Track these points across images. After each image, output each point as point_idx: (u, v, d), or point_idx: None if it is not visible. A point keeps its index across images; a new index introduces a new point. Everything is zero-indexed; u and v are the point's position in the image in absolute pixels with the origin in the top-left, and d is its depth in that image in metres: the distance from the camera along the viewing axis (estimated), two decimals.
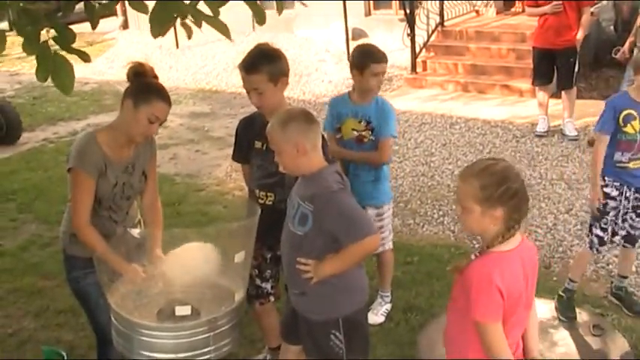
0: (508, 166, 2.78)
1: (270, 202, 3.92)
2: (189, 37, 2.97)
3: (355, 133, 4.62)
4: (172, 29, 2.67)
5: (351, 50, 12.92)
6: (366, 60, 4.51)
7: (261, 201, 3.93)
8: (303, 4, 3.31)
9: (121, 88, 14.64)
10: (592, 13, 8.14)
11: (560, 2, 7.95)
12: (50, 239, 6.65)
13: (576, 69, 8.21)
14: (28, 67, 15.23)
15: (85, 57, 2.86)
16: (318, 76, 12.15)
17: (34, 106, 12.37)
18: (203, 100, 11.86)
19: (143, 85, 3.57)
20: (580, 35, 8.06)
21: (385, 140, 4.59)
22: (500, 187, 2.67)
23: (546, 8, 8.08)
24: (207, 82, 13.05)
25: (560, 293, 4.85)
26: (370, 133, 4.59)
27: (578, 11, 8.02)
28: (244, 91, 3.93)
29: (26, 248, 6.64)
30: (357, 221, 3.23)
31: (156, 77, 3.68)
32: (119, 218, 3.74)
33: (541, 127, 8.49)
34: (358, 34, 13.22)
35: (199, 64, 13.95)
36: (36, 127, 11.04)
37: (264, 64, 3.74)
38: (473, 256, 2.78)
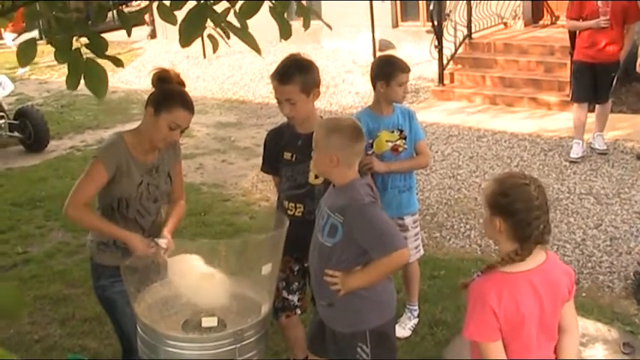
0: (523, 184, 2.70)
1: (299, 214, 3.92)
2: (215, 49, 2.97)
3: (390, 144, 4.60)
4: (200, 39, 2.67)
5: None
6: (392, 69, 4.50)
7: (289, 212, 3.92)
8: (329, 26, 3.30)
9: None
10: None
11: (608, 17, 7.70)
12: (77, 247, 6.68)
13: (614, 83, 8.06)
14: (56, 75, 15.39)
15: (118, 63, 2.85)
16: (344, 87, 12.16)
17: (62, 114, 12.49)
18: (230, 110, 11.91)
19: (165, 91, 3.58)
20: (624, 50, 7.94)
21: (423, 142, 4.68)
22: (503, 199, 2.67)
23: (592, 23, 7.75)
24: (234, 92, 13.11)
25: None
26: (404, 141, 4.59)
27: (623, 26, 7.86)
28: (271, 101, 3.95)
29: (53, 255, 6.67)
30: (387, 235, 3.22)
31: (182, 83, 3.68)
32: (146, 224, 3.75)
33: (576, 153, 8.09)
34: (385, 45, 13.22)
35: (226, 74, 14.03)
36: (64, 135, 11.15)
37: (297, 74, 3.75)
38: (475, 275, 2.77)
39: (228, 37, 2.74)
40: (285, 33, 2.86)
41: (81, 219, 3.55)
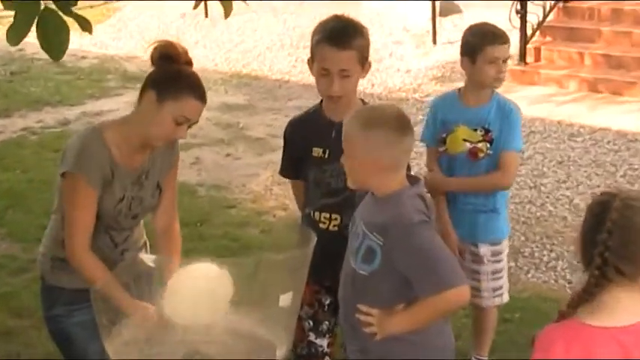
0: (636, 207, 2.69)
1: (335, 228, 3.91)
2: (228, 12, 2.94)
3: (468, 145, 4.57)
4: None
5: (437, 30, 13.12)
6: (479, 40, 4.49)
7: (322, 225, 3.92)
8: None
9: (128, 66, 14.82)
10: None
11: None
12: (26, 262, 6.66)
13: None
14: (2, 30, 15.47)
15: (85, 25, 2.84)
16: (391, 63, 12.16)
17: (11, 83, 12.60)
18: (238, 89, 11.94)
19: (172, 73, 3.55)
20: None
21: (510, 155, 4.56)
22: (589, 224, 2.68)
23: None
24: (245, 64, 13.15)
25: None
26: (488, 145, 4.54)
27: None
28: (293, 77, 3.99)
29: None
30: (440, 266, 3.21)
31: (189, 63, 3.66)
32: (120, 239, 3.76)
33: None
34: (448, 9, 13.20)
35: (235, 41, 14.07)
36: (13, 112, 11.23)
37: (357, 37, 3.78)
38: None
39: None
40: None
41: (82, 271, 3.53)
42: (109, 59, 13.78)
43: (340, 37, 3.77)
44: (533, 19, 11.18)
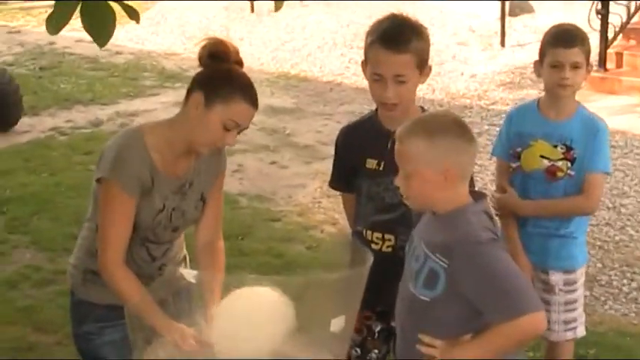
0: None
1: (389, 249, 3.89)
2: (279, 8, 2.92)
3: (545, 162, 4.51)
4: None
5: (506, 31, 13.08)
6: (544, 43, 4.46)
7: (375, 246, 3.89)
8: None
9: (166, 64, 14.89)
10: None
11: None
12: (52, 273, 6.74)
13: None
14: (34, 22, 15.61)
15: (132, 13, 2.84)
16: (454, 66, 12.15)
17: (40, 79, 12.74)
18: (285, 91, 12.00)
19: (222, 74, 3.55)
20: None
21: (596, 177, 4.48)
22: None
23: None
24: (293, 64, 13.22)
25: None
26: (569, 164, 4.48)
27: None
28: (346, 80, 3.97)
29: (15, 285, 6.73)
30: (513, 289, 3.16)
31: (239, 63, 3.66)
32: (158, 253, 3.76)
33: None
34: (520, 8, 13.15)
35: (283, 38, 14.14)
36: (41, 110, 11.36)
37: (415, 40, 3.75)
38: None
39: None
40: None
41: (114, 287, 3.52)
42: (145, 55, 13.88)
43: (395, 40, 3.74)
44: (615, 20, 11.10)
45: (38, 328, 6.04)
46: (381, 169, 3.87)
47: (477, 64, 12.05)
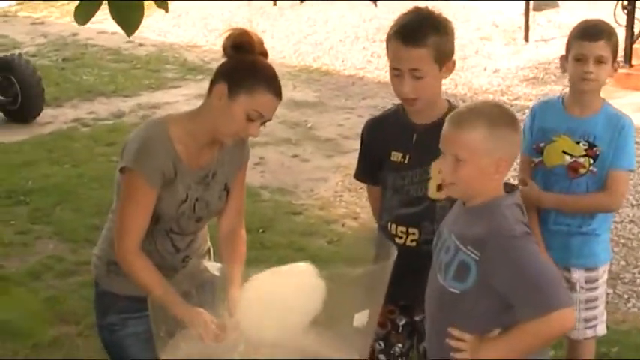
0: None
1: (413, 243, 3.87)
2: None
3: (568, 158, 4.49)
4: None
5: (530, 26, 13.05)
6: (570, 37, 4.45)
7: (398, 240, 3.88)
8: None
9: (188, 56, 14.92)
10: None
11: None
12: (74, 264, 6.77)
13: None
14: (57, 13, 15.64)
15: (162, 4, 2.85)
16: (478, 61, 12.12)
17: (62, 71, 12.78)
18: (307, 84, 12.01)
19: (246, 64, 3.55)
20: None
21: (620, 175, 4.45)
22: None
23: None
24: (315, 57, 13.23)
25: None
26: (591, 161, 4.46)
27: None
28: (368, 74, 3.97)
29: (38, 275, 6.74)
30: (544, 285, 3.16)
31: (264, 54, 3.67)
32: (182, 244, 3.77)
33: None
34: (544, 3, 13.11)
35: (305, 32, 14.13)
36: (64, 101, 11.41)
37: (433, 34, 3.71)
38: None
39: None
40: None
41: (132, 275, 3.54)
42: (167, 48, 13.90)
43: (411, 34, 3.72)
44: None
45: (61, 319, 6.03)
46: (406, 162, 3.87)
47: (500, 59, 12.03)
